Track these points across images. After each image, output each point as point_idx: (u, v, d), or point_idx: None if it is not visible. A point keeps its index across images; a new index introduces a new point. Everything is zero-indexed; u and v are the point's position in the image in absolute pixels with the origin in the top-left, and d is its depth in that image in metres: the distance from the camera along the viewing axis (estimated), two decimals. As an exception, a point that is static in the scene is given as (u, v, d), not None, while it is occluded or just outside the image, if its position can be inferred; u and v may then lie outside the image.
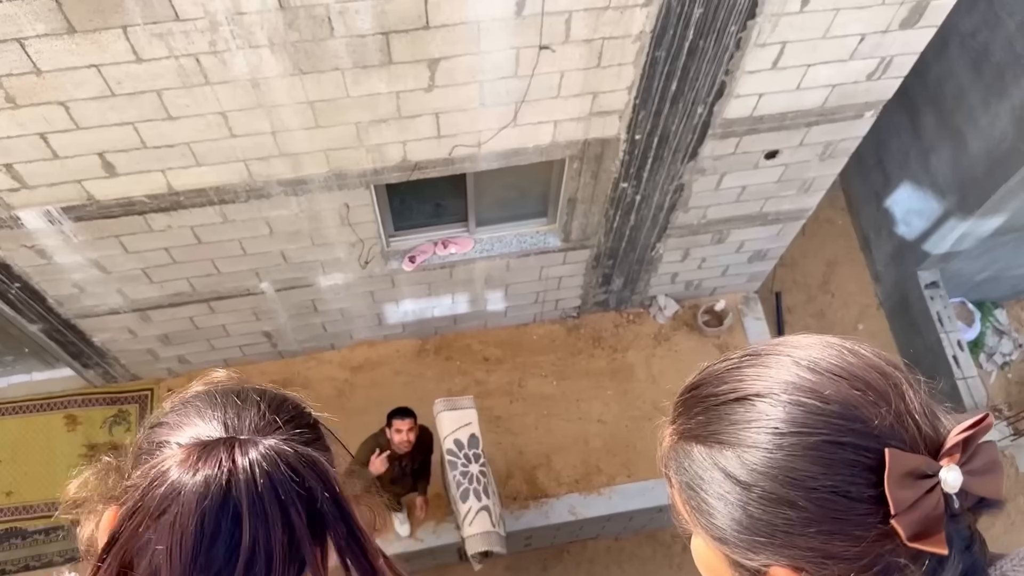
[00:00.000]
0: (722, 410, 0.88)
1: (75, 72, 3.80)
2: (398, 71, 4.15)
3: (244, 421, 1.02)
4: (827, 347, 0.87)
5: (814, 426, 0.81)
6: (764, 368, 0.88)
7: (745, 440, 0.84)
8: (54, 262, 5.14)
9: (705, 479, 0.88)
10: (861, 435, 0.80)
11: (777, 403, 0.83)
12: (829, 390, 0.82)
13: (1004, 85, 6.08)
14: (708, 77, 4.60)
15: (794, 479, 0.80)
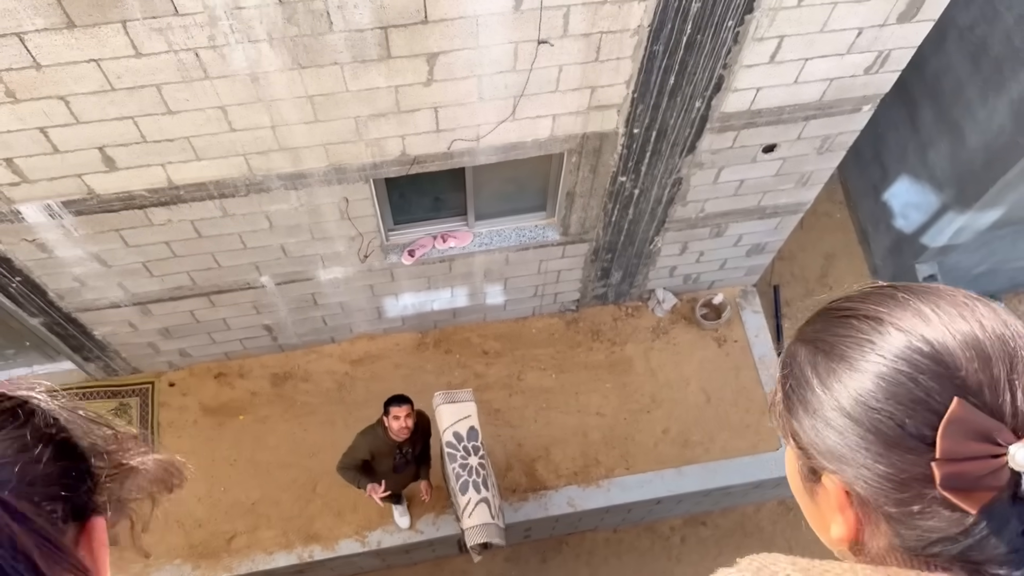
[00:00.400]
0: (836, 322, 0.93)
1: (75, 67, 3.81)
2: (397, 65, 4.16)
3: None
4: (962, 298, 0.90)
5: (897, 356, 0.85)
6: (891, 300, 0.91)
7: (837, 351, 0.90)
8: (55, 256, 5.16)
9: (798, 378, 0.94)
10: (939, 378, 0.83)
11: (880, 329, 0.88)
12: (935, 333, 0.85)
13: (1002, 79, 6.09)
14: (706, 71, 4.62)
15: (860, 397, 0.86)
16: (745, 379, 7.41)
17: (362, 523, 6.74)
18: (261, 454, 6.97)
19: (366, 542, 6.73)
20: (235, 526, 6.73)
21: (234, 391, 7.16)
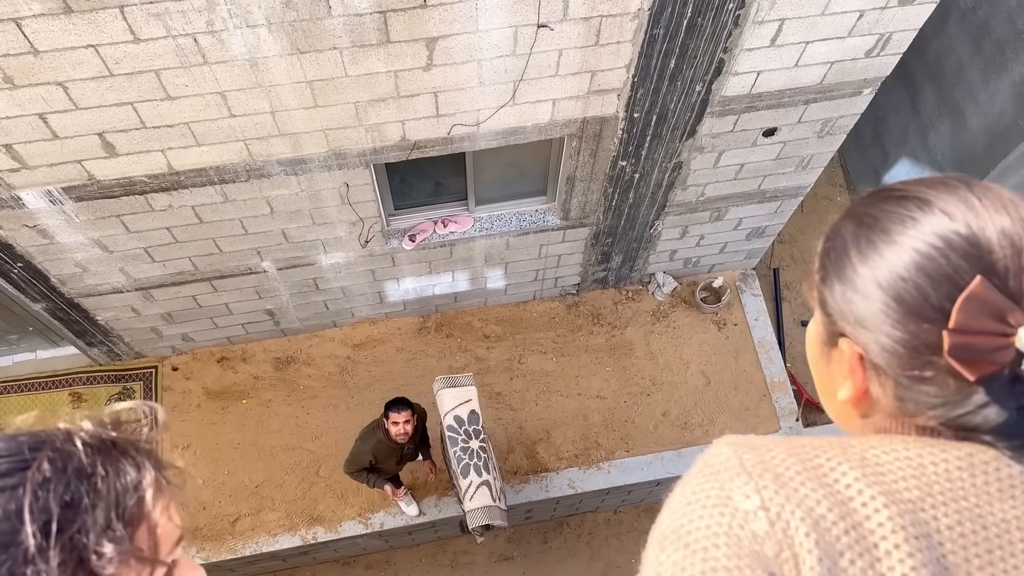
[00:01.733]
0: (886, 200, 0.95)
1: (73, 52, 3.81)
2: (396, 50, 4.16)
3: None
4: (1009, 195, 0.93)
5: (936, 234, 0.88)
6: (942, 186, 0.94)
7: (880, 225, 0.93)
8: (56, 242, 5.17)
9: (839, 249, 0.97)
10: (969, 258, 0.87)
11: (925, 209, 0.91)
12: (976, 220, 0.89)
13: (1004, 61, 6.07)
14: (706, 55, 4.60)
15: (893, 267, 0.89)
16: (745, 362, 7.43)
17: (365, 505, 6.78)
18: (264, 437, 7.01)
19: (369, 524, 6.77)
20: (239, 508, 6.78)
21: (237, 375, 7.19)
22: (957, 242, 0.87)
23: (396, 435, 5.32)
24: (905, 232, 0.90)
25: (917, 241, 0.89)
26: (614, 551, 7.99)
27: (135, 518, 0.85)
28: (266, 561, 6.99)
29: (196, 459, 6.91)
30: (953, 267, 0.87)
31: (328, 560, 7.61)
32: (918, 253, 0.88)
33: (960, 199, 0.91)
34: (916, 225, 0.90)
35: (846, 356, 0.97)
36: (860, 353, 0.95)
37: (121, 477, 0.85)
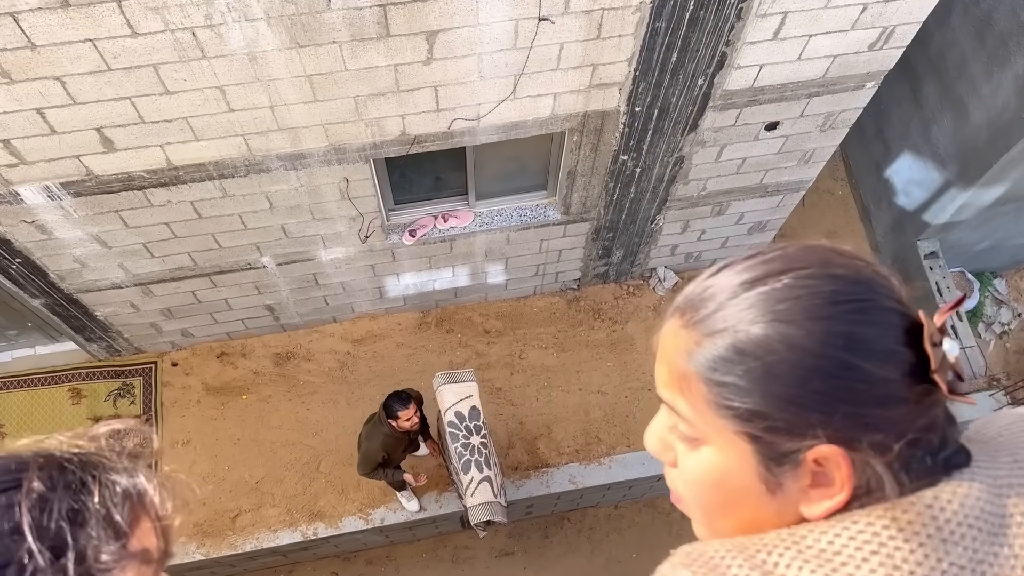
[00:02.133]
0: (757, 291, 0.87)
1: (70, 47, 3.79)
2: (396, 44, 4.13)
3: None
4: (828, 244, 0.91)
5: (862, 295, 0.84)
6: (788, 252, 0.89)
7: (795, 315, 0.84)
8: (55, 237, 5.15)
9: (750, 359, 0.85)
10: (896, 301, 0.86)
11: (821, 277, 0.85)
12: (859, 268, 0.87)
13: (1007, 54, 6.03)
14: (708, 48, 4.57)
15: (854, 343, 0.82)
16: (747, 357, 7.40)
17: (366, 501, 6.77)
18: (264, 433, 6.99)
19: (370, 519, 6.76)
20: (239, 504, 6.77)
21: (237, 371, 7.17)
22: (884, 292, 0.86)
23: (410, 428, 5.38)
24: (832, 309, 0.84)
25: (849, 308, 0.84)
26: (615, 546, 7.98)
27: (130, 524, 0.85)
28: (267, 557, 6.97)
29: (196, 455, 6.89)
30: (899, 315, 0.86)
31: (329, 556, 7.60)
32: (869, 316, 0.84)
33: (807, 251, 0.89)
34: (825, 293, 0.85)
35: (830, 465, 0.84)
36: (842, 452, 0.84)
37: (112, 487, 0.85)
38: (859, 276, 0.86)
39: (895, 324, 0.84)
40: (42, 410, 6.92)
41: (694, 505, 1.00)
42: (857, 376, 0.81)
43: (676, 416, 0.95)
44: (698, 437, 0.93)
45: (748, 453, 0.88)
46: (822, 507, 0.87)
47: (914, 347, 0.83)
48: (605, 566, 7.92)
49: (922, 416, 0.84)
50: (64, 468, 0.85)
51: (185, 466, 6.85)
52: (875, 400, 0.82)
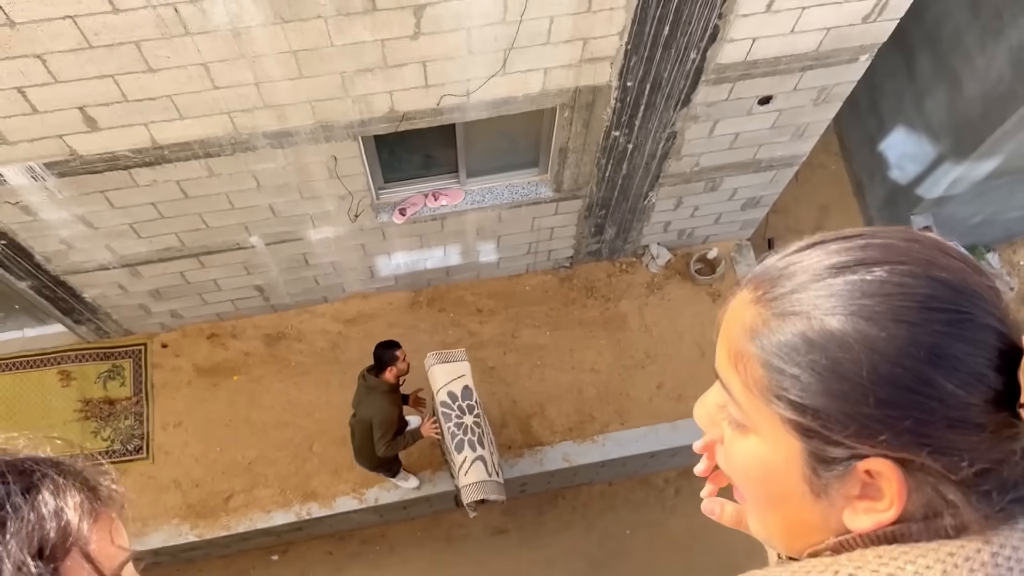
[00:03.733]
0: (844, 279, 0.79)
1: (50, 24, 3.71)
2: (382, 18, 4.05)
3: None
4: (938, 237, 0.83)
5: (960, 305, 0.76)
6: (890, 241, 0.81)
7: (879, 313, 0.76)
8: (40, 218, 5.08)
9: (819, 352, 0.77)
10: (999, 320, 0.77)
11: (920, 277, 0.77)
12: (964, 274, 0.79)
13: (1001, 25, 5.98)
14: (701, 21, 4.51)
15: (938, 356, 0.74)
16: (740, 333, 7.39)
17: (359, 481, 6.76)
18: (256, 414, 6.96)
19: (364, 499, 6.76)
20: (232, 485, 6.75)
21: (227, 352, 7.13)
22: (984, 307, 0.78)
23: (406, 370, 5.49)
24: (921, 315, 0.76)
25: (940, 318, 0.76)
26: (609, 523, 8.00)
27: (58, 546, 0.77)
28: (260, 537, 6.97)
29: (188, 436, 6.86)
30: (996, 335, 0.78)
31: (323, 535, 7.60)
32: (961, 330, 0.76)
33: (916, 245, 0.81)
34: (917, 297, 0.77)
35: (882, 479, 0.78)
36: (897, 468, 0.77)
37: (38, 507, 0.77)
38: (963, 284, 0.77)
39: (990, 345, 0.76)
40: (32, 393, 6.87)
41: (745, 495, 0.96)
42: (933, 393, 0.74)
43: (728, 397, 0.89)
44: (747, 424, 0.87)
45: (796, 451, 0.83)
46: (867, 520, 0.81)
47: (1006, 373, 0.75)
48: (599, 543, 7.94)
49: (998, 448, 0.76)
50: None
51: (177, 448, 6.82)
52: (947, 422, 0.74)
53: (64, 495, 0.80)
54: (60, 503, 0.79)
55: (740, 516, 1.10)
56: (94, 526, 0.81)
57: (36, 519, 0.76)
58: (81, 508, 0.81)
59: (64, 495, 0.80)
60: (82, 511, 0.81)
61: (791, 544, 0.91)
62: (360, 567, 7.75)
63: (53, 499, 0.79)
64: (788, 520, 0.89)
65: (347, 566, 7.75)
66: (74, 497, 0.81)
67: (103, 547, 0.82)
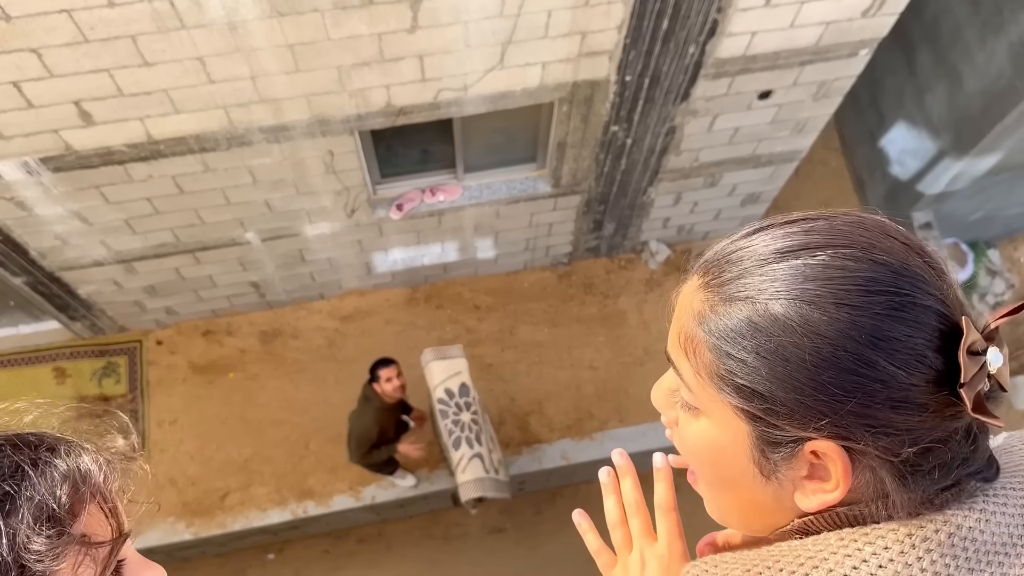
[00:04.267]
0: (788, 263, 0.80)
1: (46, 17, 3.68)
2: (379, 11, 4.02)
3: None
4: (884, 219, 0.84)
5: (901, 288, 0.76)
6: (834, 225, 0.82)
7: (820, 297, 0.77)
8: (35, 214, 5.05)
9: (763, 336, 0.78)
10: (940, 302, 0.77)
11: (861, 260, 0.78)
12: (906, 256, 0.79)
13: (1001, 21, 5.95)
14: (700, 15, 4.48)
15: (878, 339, 0.75)
16: (739, 330, 7.37)
17: (356, 479, 6.73)
18: (252, 411, 6.93)
19: (360, 497, 6.72)
20: (228, 483, 6.72)
21: (223, 349, 7.10)
22: (925, 288, 0.79)
23: (393, 392, 5.28)
24: (864, 299, 0.77)
25: (882, 301, 0.77)
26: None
27: (68, 512, 0.79)
28: (256, 536, 6.94)
29: (183, 434, 6.83)
30: (938, 316, 0.78)
31: (319, 534, 7.57)
32: (902, 312, 0.77)
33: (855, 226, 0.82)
34: (858, 279, 0.78)
35: (827, 460, 0.80)
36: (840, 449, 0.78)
37: (49, 475, 0.79)
38: (904, 267, 0.78)
39: (931, 326, 0.76)
40: (26, 390, 6.83)
41: (700, 477, 0.97)
42: (875, 375, 0.75)
43: (679, 380, 0.91)
44: (697, 407, 0.89)
45: (744, 434, 0.84)
46: (815, 501, 0.82)
47: (946, 354, 0.76)
48: (597, 541, 7.91)
49: (939, 427, 0.77)
50: (1, 451, 0.80)
51: (173, 445, 6.79)
52: (889, 403, 0.75)
53: (72, 466, 0.82)
54: (69, 473, 0.81)
55: (600, 547, 1.24)
56: (97, 500, 0.83)
57: (48, 486, 0.78)
58: (89, 476, 0.83)
59: (72, 466, 0.82)
60: (90, 478, 0.83)
61: (749, 525, 0.93)
62: (357, 566, 7.72)
63: (63, 468, 0.81)
64: (742, 501, 0.91)
65: (344, 565, 7.71)
66: (83, 468, 0.83)
67: (102, 522, 0.84)
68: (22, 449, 0.80)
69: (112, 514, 0.85)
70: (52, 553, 0.76)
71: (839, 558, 0.78)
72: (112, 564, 0.83)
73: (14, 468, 0.78)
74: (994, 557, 0.78)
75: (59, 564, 0.76)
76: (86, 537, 0.80)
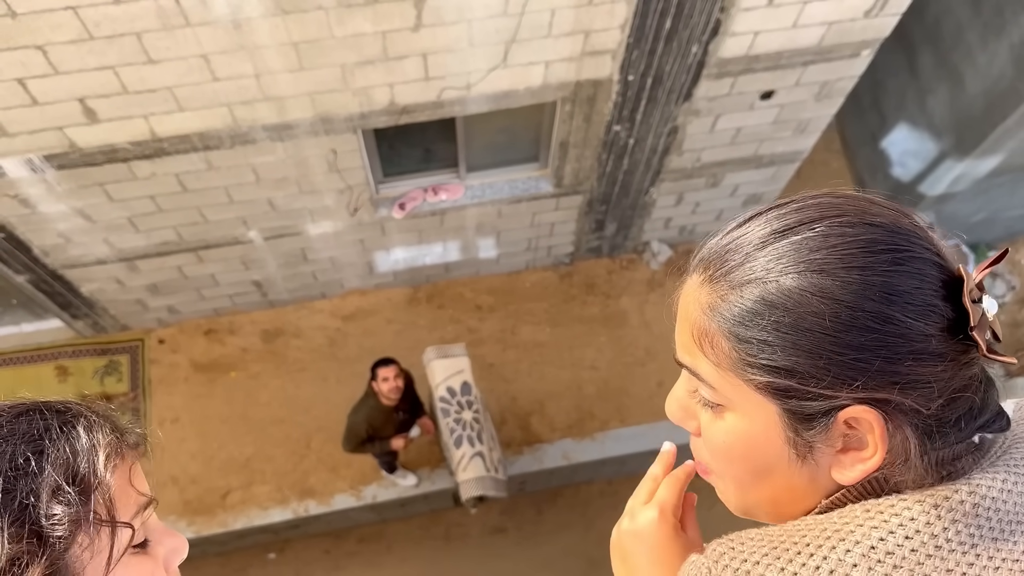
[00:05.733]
0: (788, 240, 0.82)
1: (51, 14, 3.70)
2: (383, 9, 4.03)
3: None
4: (862, 193, 0.87)
5: (900, 244, 0.80)
6: (821, 200, 0.85)
7: (829, 264, 0.79)
8: (38, 211, 5.06)
9: (780, 312, 0.80)
10: (936, 254, 0.81)
11: (857, 225, 0.81)
12: (896, 216, 0.83)
13: (1003, 22, 5.96)
14: (703, 14, 4.49)
15: (891, 294, 0.77)
16: (740, 331, 7.37)
17: (357, 478, 6.73)
18: (253, 410, 6.93)
19: (361, 496, 6.73)
20: (229, 482, 6.72)
21: (225, 348, 7.10)
22: (921, 243, 0.83)
23: (389, 392, 5.24)
24: (867, 259, 0.80)
25: (884, 258, 0.80)
26: (608, 522, 7.85)
27: (88, 481, 0.81)
28: (257, 535, 6.94)
29: (185, 432, 6.83)
30: (938, 267, 0.82)
31: (320, 533, 7.56)
32: (906, 266, 0.80)
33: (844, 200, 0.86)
34: (860, 243, 0.81)
35: (863, 426, 0.80)
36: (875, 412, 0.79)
37: (72, 441, 0.82)
38: (897, 226, 0.81)
39: (934, 276, 0.79)
40: (28, 388, 6.70)
41: (726, 477, 0.96)
42: (894, 330, 0.77)
43: (698, 381, 0.90)
44: (722, 403, 0.89)
45: (775, 416, 0.84)
46: (856, 471, 0.83)
47: (952, 302, 0.79)
48: (598, 542, 7.88)
49: (959, 375, 0.79)
50: (28, 416, 0.82)
51: (174, 444, 6.79)
52: (912, 355, 0.77)
53: (95, 433, 0.85)
54: (93, 440, 0.84)
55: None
56: (120, 467, 0.86)
57: (71, 451, 0.81)
58: (110, 447, 0.85)
59: (95, 433, 0.85)
60: (111, 451, 0.85)
61: (780, 514, 0.93)
62: (358, 566, 7.72)
63: (87, 435, 0.84)
64: (776, 490, 0.91)
65: (344, 565, 7.71)
66: (105, 436, 0.85)
67: (123, 487, 0.86)
68: (48, 416, 0.83)
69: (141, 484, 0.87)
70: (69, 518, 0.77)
71: (866, 530, 0.79)
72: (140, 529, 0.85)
73: (42, 432, 0.80)
74: (1017, 527, 0.79)
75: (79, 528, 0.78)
76: (111, 501, 0.82)
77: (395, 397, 5.31)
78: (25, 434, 0.80)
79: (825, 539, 0.80)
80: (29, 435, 0.80)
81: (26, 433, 0.80)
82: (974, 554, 0.77)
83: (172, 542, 0.93)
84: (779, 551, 0.82)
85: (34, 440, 0.80)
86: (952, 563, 0.76)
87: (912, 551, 0.77)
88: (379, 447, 5.59)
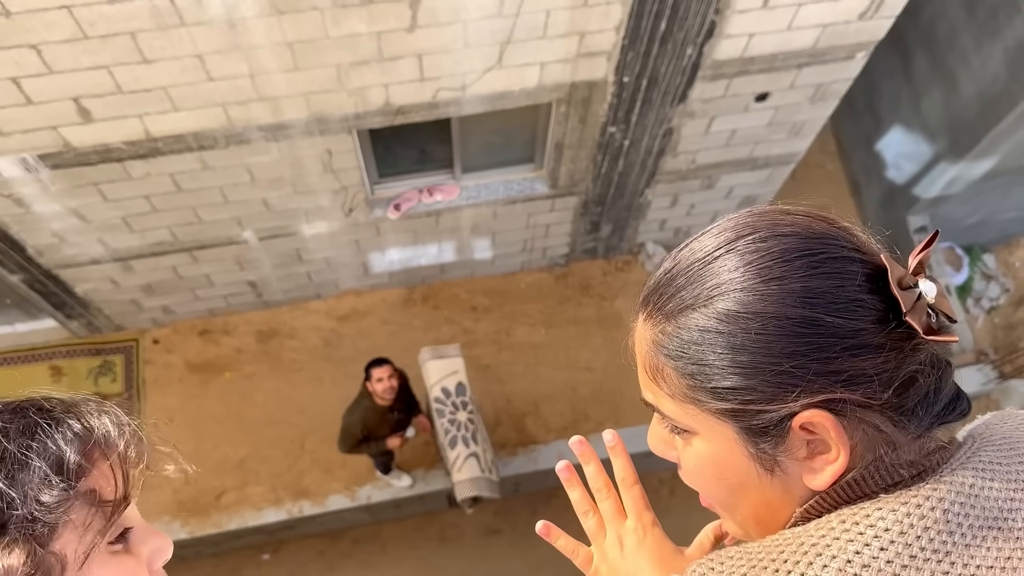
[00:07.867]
0: (710, 267, 0.85)
1: (45, 13, 3.69)
2: (378, 10, 4.03)
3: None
4: (779, 206, 0.90)
5: (814, 248, 0.82)
6: (737, 222, 0.88)
7: (748, 281, 0.82)
8: (32, 211, 5.05)
9: (713, 335, 0.83)
10: (854, 251, 0.83)
11: (769, 239, 0.83)
12: (808, 223, 0.85)
13: (997, 25, 5.98)
14: (698, 16, 4.50)
15: (811, 297, 0.79)
16: (735, 332, 7.38)
17: (351, 479, 6.72)
18: (248, 411, 6.93)
19: (356, 497, 6.72)
20: (223, 483, 6.71)
21: (219, 348, 7.09)
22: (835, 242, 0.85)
23: (383, 392, 5.23)
24: (783, 269, 0.82)
25: (799, 264, 0.82)
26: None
27: (80, 466, 0.82)
28: (251, 535, 6.93)
29: (179, 433, 6.81)
30: (859, 263, 0.83)
31: (314, 534, 7.56)
32: (823, 267, 0.82)
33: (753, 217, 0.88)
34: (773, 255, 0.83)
35: (820, 429, 0.81)
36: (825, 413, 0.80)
37: (66, 428, 0.83)
38: (809, 232, 0.84)
39: (853, 272, 0.81)
40: (21, 388, 6.79)
41: (716, 504, 1.00)
42: (822, 331, 0.79)
43: (660, 415, 0.94)
44: (687, 430, 0.91)
45: (732, 433, 0.86)
46: (827, 475, 0.84)
47: (881, 293, 0.81)
48: (593, 543, 7.91)
49: (905, 363, 0.81)
50: (21, 412, 0.83)
51: (168, 445, 6.77)
52: (847, 352, 0.79)
53: (86, 422, 0.86)
54: (83, 431, 0.84)
55: (574, 547, 1.25)
56: (110, 458, 0.86)
57: (62, 442, 0.82)
58: (102, 441, 0.86)
59: (86, 422, 0.86)
60: (103, 443, 0.86)
61: (767, 529, 0.94)
62: (352, 567, 7.71)
63: (79, 425, 0.84)
64: (755, 506, 0.92)
65: (339, 566, 7.70)
66: (99, 428, 0.86)
67: (110, 481, 0.86)
68: (44, 411, 0.83)
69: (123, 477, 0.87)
70: (61, 506, 0.78)
71: (841, 543, 0.80)
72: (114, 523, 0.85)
73: (34, 426, 0.81)
74: (988, 532, 0.80)
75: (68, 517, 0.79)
76: (94, 493, 0.82)
77: (389, 397, 5.31)
78: (19, 432, 0.81)
79: (802, 555, 0.81)
80: (21, 430, 0.81)
81: (20, 431, 0.81)
82: (948, 562, 0.78)
83: (156, 542, 0.93)
84: (757, 569, 0.83)
85: (23, 431, 0.81)
86: (927, 572, 0.77)
87: (888, 563, 0.77)
88: (375, 447, 5.59)
